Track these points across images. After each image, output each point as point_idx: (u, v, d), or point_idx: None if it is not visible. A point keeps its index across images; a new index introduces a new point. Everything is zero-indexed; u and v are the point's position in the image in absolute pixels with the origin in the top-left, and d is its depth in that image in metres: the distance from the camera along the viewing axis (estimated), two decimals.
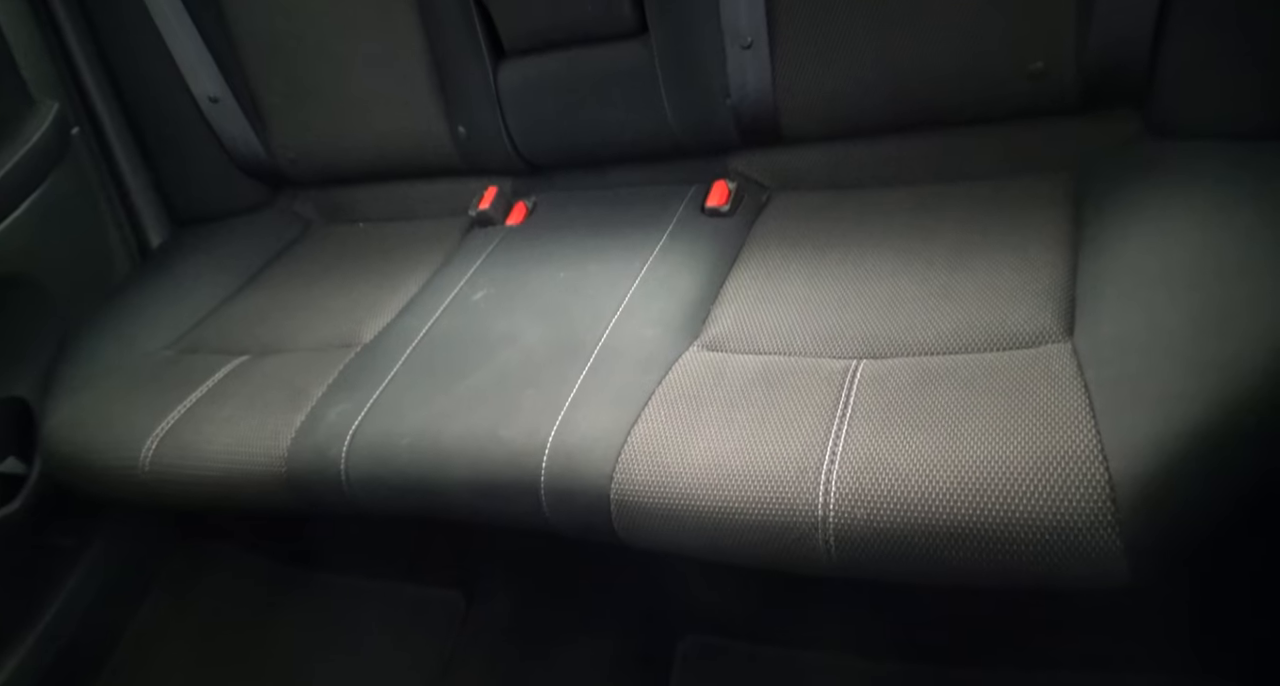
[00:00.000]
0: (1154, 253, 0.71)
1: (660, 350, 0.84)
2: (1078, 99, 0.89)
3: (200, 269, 1.21)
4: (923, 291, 0.81)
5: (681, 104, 1.04)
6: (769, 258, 0.94)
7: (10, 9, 1.10)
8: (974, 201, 0.91)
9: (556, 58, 1.07)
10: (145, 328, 1.10)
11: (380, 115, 1.17)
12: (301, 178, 1.28)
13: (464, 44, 1.09)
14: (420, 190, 1.25)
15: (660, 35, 1.01)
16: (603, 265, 0.98)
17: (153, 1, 1.14)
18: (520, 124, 1.12)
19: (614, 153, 1.12)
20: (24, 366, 1.05)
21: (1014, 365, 0.69)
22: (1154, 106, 0.87)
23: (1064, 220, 0.85)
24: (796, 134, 1.02)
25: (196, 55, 1.18)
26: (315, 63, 1.16)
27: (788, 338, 0.82)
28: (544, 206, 1.16)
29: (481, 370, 0.86)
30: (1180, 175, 0.79)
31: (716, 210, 1.02)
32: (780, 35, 0.95)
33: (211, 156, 1.26)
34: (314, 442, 0.85)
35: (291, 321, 1.07)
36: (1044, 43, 0.86)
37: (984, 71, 0.90)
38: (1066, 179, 0.90)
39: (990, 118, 0.94)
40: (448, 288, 1.03)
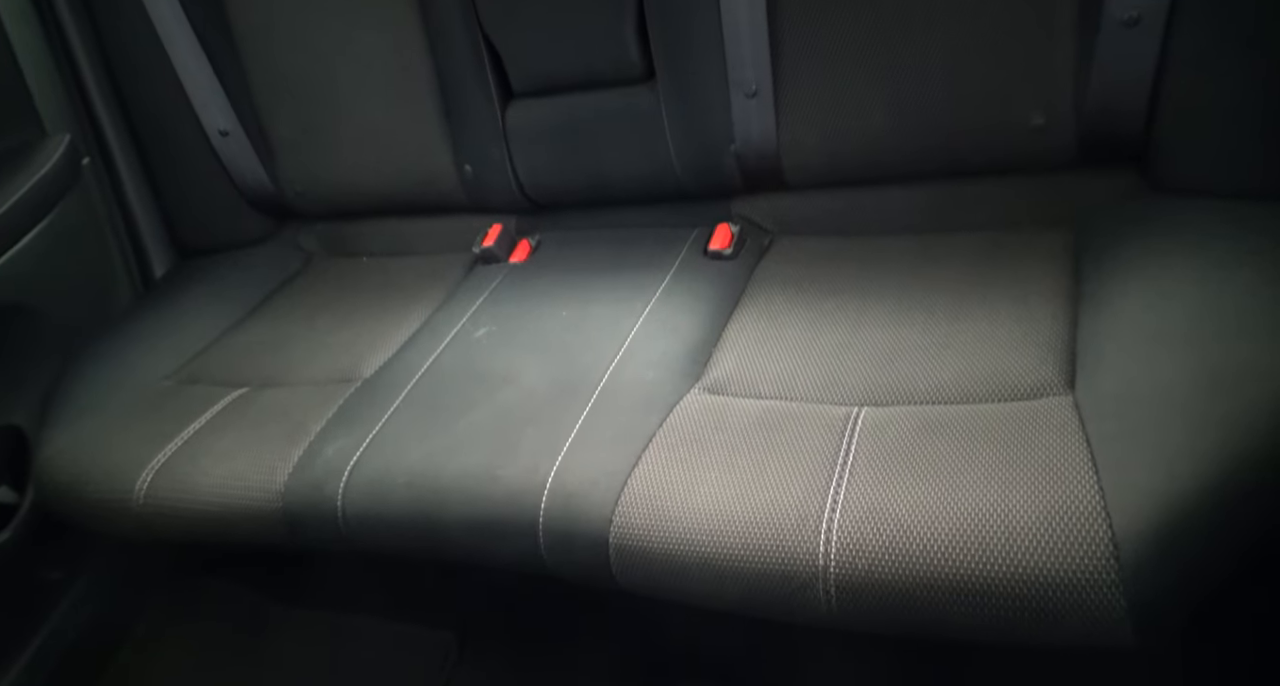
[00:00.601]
0: (1154, 309, 0.72)
1: (661, 392, 0.84)
2: (1077, 154, 0.90)
3: (202, 299, 1.21)
4: (924, 340, 0.82)
5: (686, 149, 1.05)
6: (771, 301, 0.95)
7: (27, 40, 1.12)
8: (974, 252, 0.92)
9: (564, 100, 1.09)
10: (145, 357, 1.10)
11: (388, 151, 1.19)
12: (307, 210, 1.30)
13: (474, 84, 1.11)
14: (425, 226, 1.27)
15: (667, 82, 1.03)
16: (605, 305, 0.99)
17: (167, 35, 1.16)
18: (526, 163, 1.14)
19: (619, 194, 1.14)
20: (21, 394, 1.04)
21: (1015, 417, 0.69)
22: (1152, 163, 0.89)
23: (1063, 273, 0.85)
24: (799, 180, 1.03)
25: (209, 89, 1.20)
26: (326, 98, 1.18)
27: (789, 383, 0.82)
28: (548, 245, 1.17)
29: (482, 408, 0.86)
30: (1179, 232, 0.80)
31: (719, 253, 1.03)
32: (784, 85, 0.97)
33: (219, 188, 1.27)
34: (311, 478, 0.84)
35: (292, 354, 1.07)
36: (1044, 98, 0.88)
37: (984, 124, 0.92)
38: (1065, 232, 0.91)
39: (991, 170, 0.95)
40: (450, 324, 1.03)
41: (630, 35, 1.02)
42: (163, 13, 1.15)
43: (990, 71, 0.89)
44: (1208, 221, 0.80)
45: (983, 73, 0.89)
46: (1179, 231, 0.80)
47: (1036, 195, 0.95)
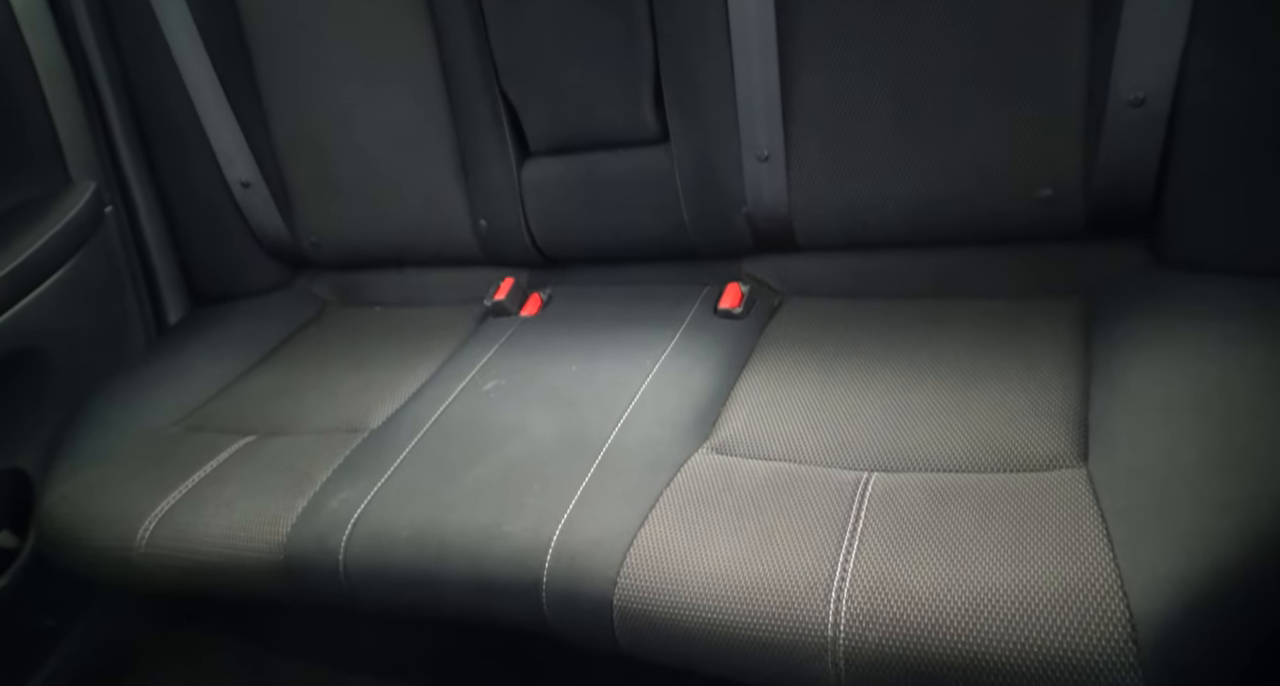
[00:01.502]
0: (1166, 384, 0.72)
1: (669, 451, 0.83)
2: (1085, 226, 0.91)
3: (214, 347, 1.22)
4: (934, 405, 0.81)
5: (698, 209, 1.07)
6: (780, 362, 0.95)
7: (60, 90, 1.15)
8: (984, 318, 0.92)
9: (579, 159, 1.11)
10: (154, 404, 1.10)
11: (405, 204, 1.21)
12: (323, 261, 1.31)
13: (491, 141, 1.13)
14: (438, 277, 1.28)
15: (680, 144, 1.05)
16: (615, 361, 0.99)
17: (194, 87, 1.20)
18: (540, 219, 1.16)
19: (630, 251, 1.15)
20: (29, 438, 1.04)
21: (1028, 488, 0.68)
22: (1160, 237, 0.90)
23: (1073, 343, 0.86)
24: (810, 243, 1.05)
25: (233, 141, 1.23)
26: (346, 151, 1.21)
27: (798, 445, 0.81)
28: (559, 299, 1.18)
29: (488, 461, 0.86)
30: (1189, 307, 0.80)
31: (729, 312, 1.04)
32: (796, 150, 0.99)
33: (237, 238, 1.29)
34: (314, 530, 0.84)
35: (301, 403, 1.08)
36: (1052, 170, 0.90)
37: (994, 195, 0.93)
38: (1075, 302, 0.91)
39: (1001, 238, 0.96)
40: (459, 376, 1.03)
41: (646, 98, 1.05)
42: (191, 66, 1.18)
43: (999, 143, 0.91)
44: (1217, 297, 0.80)
45: (992, 144, 0.91)
46: (1189, 306, 0.80)
47: (1046, 265, 0.96)
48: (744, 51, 0.96)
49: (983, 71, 0.89)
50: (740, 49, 0.96)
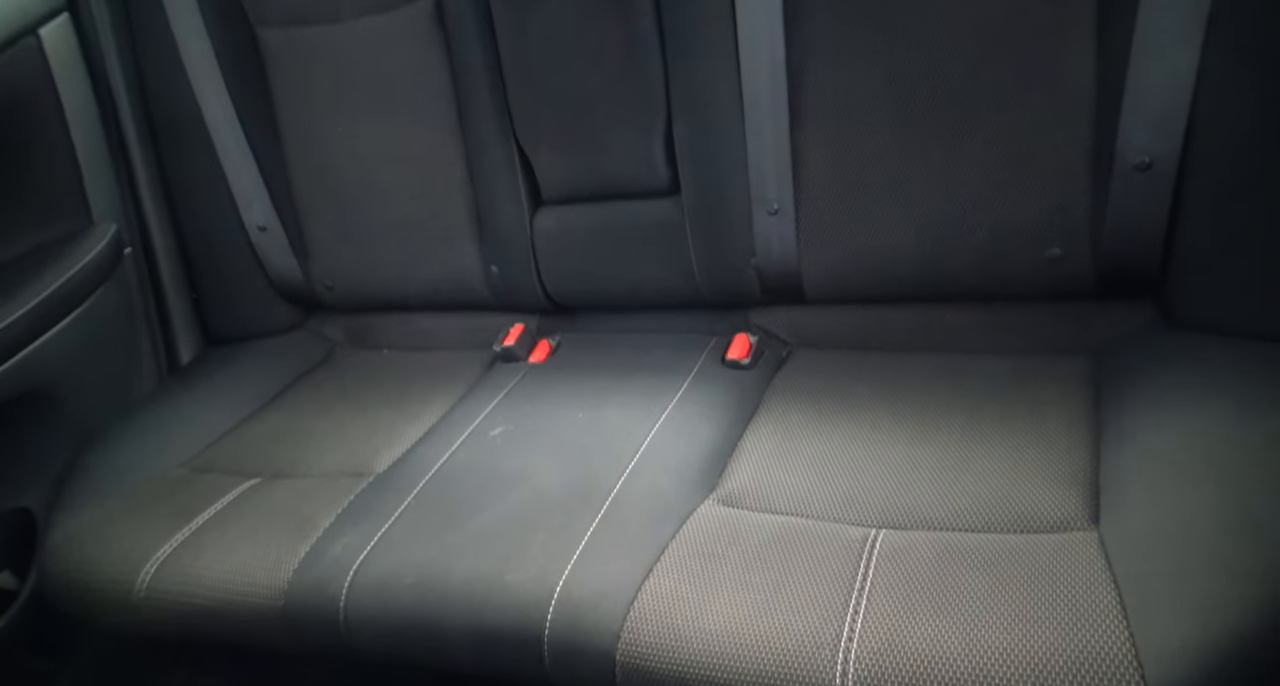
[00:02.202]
0: (1178, 447, 0.71)
1: (675, 501, 0.83)
2: (1094, 285, 0.92)
3: (224, 387, 1.23)
4: (942, 462, 0.81)
5: (707, 260, 1.08)
6: (787, 414, 0.95)
7: (86, 132, 1.18)
8: (993, 375, 0.92)
9: (591, 209, 1.13)
10: (162, 444, 1.10)
11: (419, 249, 1.23)
12: (335, 304, 1.33)
13: (505, 190, 1.15)
14: (448, 321, 1.29)
15: (691, 196, 1.06)
16: (622, 409, 0.99)
17: (216, 131, 1.23)
18: (551, 267, 1.17)
19: (639, 300, 1.16)
20: (35, 477, 1.05)
21: (1039, 550, 0.67)
22: (1169, 299, 0.90)
23: (1083, 402, 0.85)
24: (818, 296, 1.05)
25: (252, 186, 1.25)
26: (363, 196, 1.23)
27: (805, 499, 0.81)
28: (567, 346, 1.18)
29: (493, 509, 0.86)
30: (1199, 370, 0.80)
31: (737, 362, 1.04)
32: (806, 204, 1.01)
33: (252, 280, 1.31)
34: (315, 576, 0.83)
35: (307, 445, 1.08)
36: (1060, 231, 0.91)
37: (1002, 253, 0.94)
38: (1085, 361, 0.91)
39: (1009, 296, 0.97)
40: (466, 421, 1.03)
41: (658, 151, 1.07)
42: (215, 112, 1.21)
43: (1008, 202, 0.92)
44: (1228, 359, 0.80)
45: (1001, 203, 0.92)
46: (1199, 369, 0.80)
47: (1055, 322, 0.96)
48: (755, 108, 0.98)
49: (990, 133, 0.91)
50: (751, 105, 0.98)
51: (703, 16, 0.97)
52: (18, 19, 1.07)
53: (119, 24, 1.19)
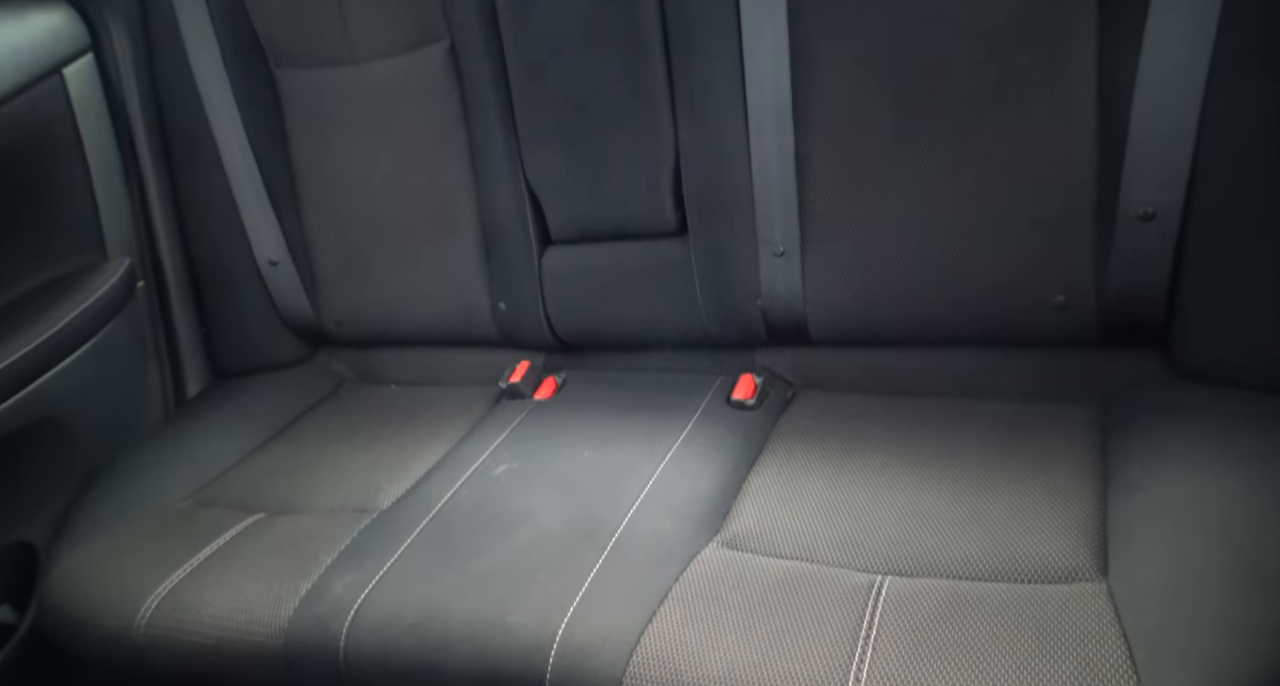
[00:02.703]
0: (1186, 498, 0.71)
1: (679, 543, 0.82)
2: (1099, 334, 0.92)
3: (230, 421, 1.23)
4: (949, 508, 0.81)
5: (713, 301, 1.09)
6: (792, 456, 0.94)
7: (106, 170, 1.20)
8: (999, 420, 0.92)
9: (599, 248, 1.14)
10: (167, 477, 1.10)
11: (427, 286, 1.24)
12: (343, 338, 1.34)
13: (514, 229, 1.17)
14: (454, 357, 1.30)
15: (698, 237, 1.08)
16: (626, 448, 0.99)
17: (232, 166, 1.25)
18: (558, 305, 1.18)
19: (645, 339, 1.17)
20: (38, 510, 1.05)
21: (1047, 601, 0.67)
22: (1174, 348, 0.90)
23: (1090, 450, 0.85)
24: (824, 338, 1.06)
25: (264, 221, 1.27)
26: (373, 233, 1.25)
27: (810, 543, 0.80)
28: (573, 384, 1.19)
29: (496, 549, 0.85)
30: (1206, 421, 0.80)
31: (742, 403, 1.04)
32: (811, 247, 1.01)
33: (261, 314, 1.32)
34: (316, 615, 0.82)
35: (312, 480, 1.08)
36: (1065, 278, 0.91)
37: (1006, 299, 0.94)
38: (1092, 409, 0.91)
39: (1015, 342, 0.97)
40: (471, 458, 1.03)
41: (666, 192, 1.08)
42: (232, 149, 1.23)
43: (1012, 249, 0.93)
44: (1235, 410, 0.80)
45: (1005, 249, 0.93)
46: (1207, 418, 0.80)
47: (1060, 370, 0.96)
48: (761, 152, 1.00)
49: (995, 180, 0.92)
50: (758, 149, 1.00)
51: (712, 66, 0.99)
52: (42, 59, 1.10)
53: (140, 64, 1.22)
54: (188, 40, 1.20)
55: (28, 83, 1.07)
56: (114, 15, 1.18)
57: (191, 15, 1.19)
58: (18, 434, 1.00)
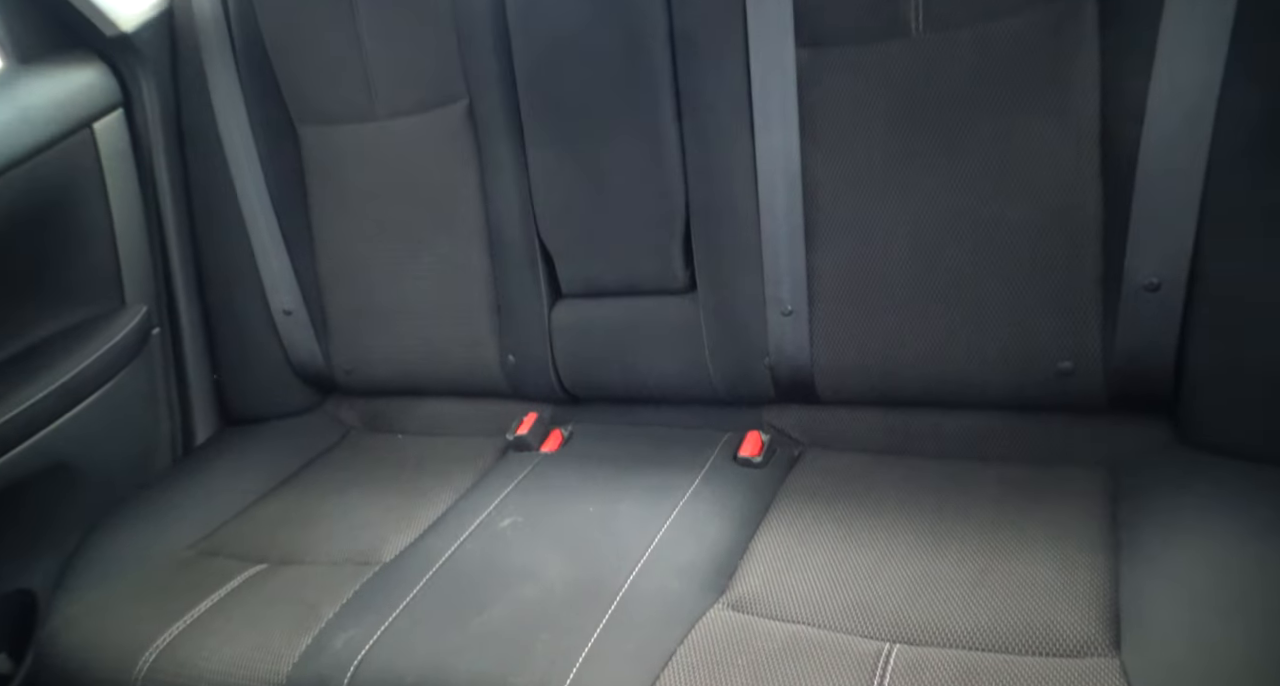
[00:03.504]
0: (1200, 573, 0.70)
1: (684, 604, 0.81)
2: (1107, 400, 0.92)
3: (237, 469, 1.23)
4: (958, 575, 0.80)
5: (721, 357, 1.10)
6: (799, 517, 0.94)
7: (129, 221, 1.23)
8: (1008, 485, 0.92)
9: (609, 303, 1.16)
10: (171, 525, 1.10)
11: (437, 337, 1.25)
12: (352, 387, 1.34)
13: (526, 282, 1.18)
14: (462, 408, 1.30)
15: (707, 295, 1.09)
16: (633, 504, 0.98)
17: (251, 216, 1.27)
18: (567, 358, 1.19)
19: (653, 394, 1.17)
20: (41, 557, 1.04)
21: (1061, 675, 0.65)
22: (1184, 418, 0.90)
23: (1100, 519, 0.84)
24: (832, 397, 1.06)
25: (280, 270, 1.29)
26: (386, 283, 1.27)
27: (816, 607, 0.79)
28: (580, 437, 1.19)
29: (499, 605, 0.84)
30: (1219, 491, 0.80)
31: (749, 461, 1.04)
32: (819, 307, 1.03)
33: (273, 362, 1.33)
34: (315, 671, 0.81)
35: (315, 530, 1.07)
36: (1071, 345, 0.91)
37: (1014, 364, 0.94)
38: (1101, 476, 0.91)
39: (1023, 406, 0.97)
40: (476, 510, 1.03)
41: (676, 250, 1.10)
42: (251, 200, 1.26)
43: (1018, 314, 0.93)
44: (1246, 483, 0.79)
45: (1012, 314, 0.94)
46: (1217, 492, 0.80)
47: (1069, 435, 0.96)
48: (771, 213, 1.02)
49: (1000, 246, 0.93)
50: (767, 211, 1.02)
51: (723, 129, 1.02)
52: (75, 114, 1.14)
53: (168, 118, 1.26)
54: (215, 97, 1.24)
55: (60, 136, 1.11)
56: (145, 72, 1.22)
57: (220, 74, 1.23)
58: (26, 479, 1.01)
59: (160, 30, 1.24)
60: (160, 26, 1.24)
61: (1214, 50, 0.79)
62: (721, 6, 0.98)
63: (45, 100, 1.10)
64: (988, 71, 0.89)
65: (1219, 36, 0.78)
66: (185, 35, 1.25)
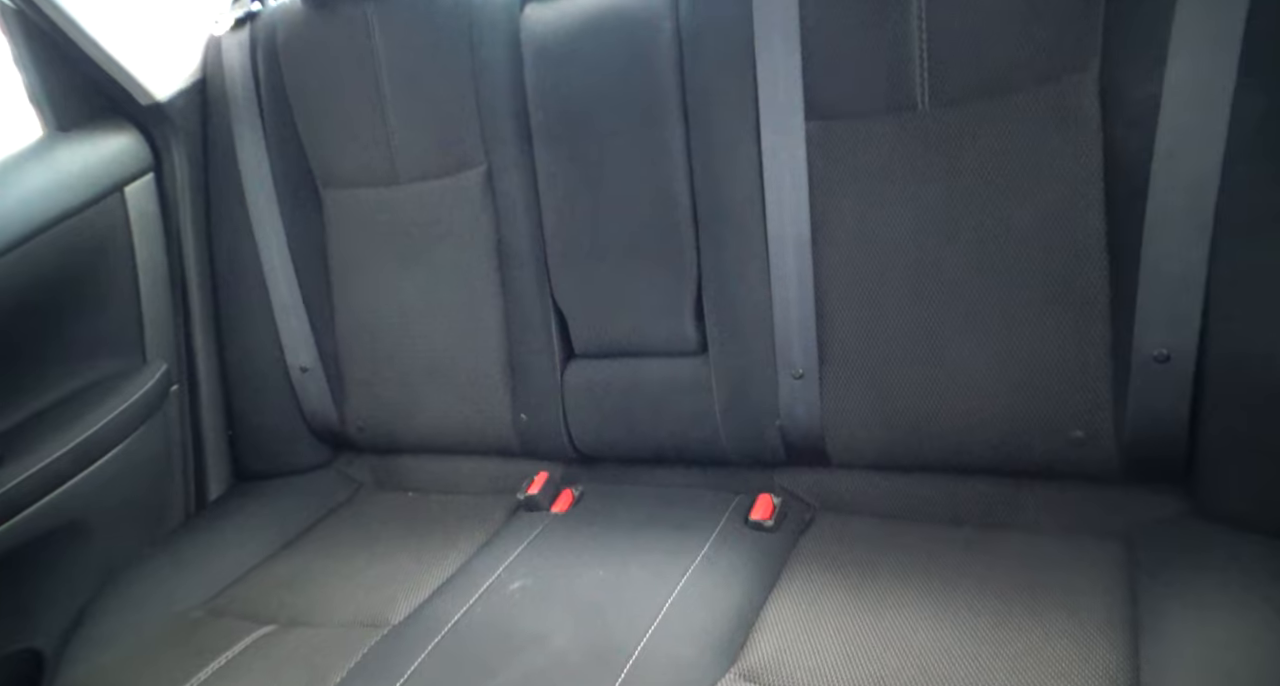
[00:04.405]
0: (1225, 654, 0.69)
1: (695, 673, 0.80)
2: (1120, 470, 0.91)
3: (248, 526, 1.24)
4: (971, 648, 0.78)
5: (732, 419, 1.10)
6: (811, 584, 0.93)
7: (154, 281, 1.26)
8: (1021, 554, 0.91)
9: (621, 363, 1.17)
10: (181, 584, 1.10)
11: (451, 395, 1.26)
12: (365, 444, 1.35)
13: (539, 342, 1.20)
14: (473, 466, 1.30)
15: (718, 357, 1.10)
16: (643, 568, 0.98)
17: (273, 279, 1.30)
18: (579, 418, 1.19)
19: (664, 454, 1.17)
20: (49, 615, 1.04)
21: None
22: (1198, 490, 0.89)
23: (1118, 594, 0.83)
24: (843, 460, 1.06)
25: (299, 328, 1.31)
26: (401, 342, 1.28)
27: (829, 679, 0.78)
28: (590, 497, 1.19)
29: (508, 672, 0.83)
30: (1241, 567, 0.79)
31: (760, 524, 1.03)
32: (830, 370, 1.03)
33: (288, 419, 1.35)
34: None
35: (324, 591, 1.07)
36: (1083, 414, 0.91)
37: (1025, 431, 0.94)
38: (1117, 548, 0.89)
39: (1036, 473, 0.96)
40: (486, 572, 1.03)
41: (688, 313, 1.11)
42: (273, 260, 1.30)
43: (1031, 381, 0.93)
44: (1267, 561, 0.78)
45: (1023, 380, 0.93)
46: (1238, 568, 0.78)
47: (1084, 504, 0.95)
48: (781, 277, 1.03)
49: (1012, 313, 0.93)
50: (778, 275, 1.03)
51: (735, 194, 1.04)
52: (107, 178, 1.18)
53: (196, 183, 1.30)
54: (242, 160, 1.29)
55: (92, 200, 1.15)
56: (176, 138, 1.27)
57: (248, 139, 1.28)
58: (39, 537, 1.01)
59: (193, 98, 1.29)
60: (193, 95, 1.29)
61: (1215, 128, 0.80)
62: (734, 79, 1.02)
63: (80, 166, 1.15)
64: (993, 146, 0.91)
65: (1220, 116, 0.80)
66: (216, 102, 1.30)
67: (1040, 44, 0.88)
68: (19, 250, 1.05)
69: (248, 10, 1.31)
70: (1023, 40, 0.88)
